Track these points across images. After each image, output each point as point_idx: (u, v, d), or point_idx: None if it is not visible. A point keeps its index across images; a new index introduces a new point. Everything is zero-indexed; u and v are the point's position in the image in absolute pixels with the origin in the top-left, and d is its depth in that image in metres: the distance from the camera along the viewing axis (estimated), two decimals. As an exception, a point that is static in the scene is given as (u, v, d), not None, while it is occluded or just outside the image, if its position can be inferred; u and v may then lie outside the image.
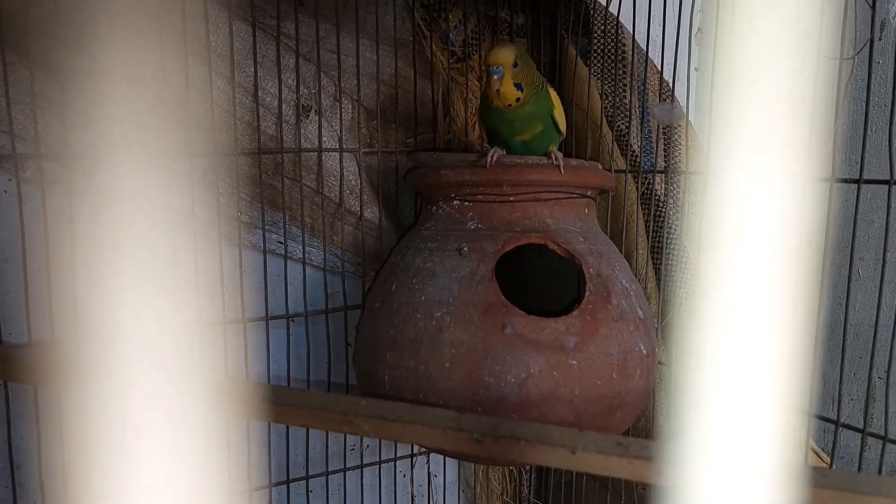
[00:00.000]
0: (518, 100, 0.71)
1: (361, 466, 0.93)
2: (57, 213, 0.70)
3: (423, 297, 0.69)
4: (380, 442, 0.95)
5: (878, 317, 0.65)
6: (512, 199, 0.72)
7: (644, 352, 0.69)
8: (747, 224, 0.15)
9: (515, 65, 0.69)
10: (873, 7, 0.68)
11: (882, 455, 0.63)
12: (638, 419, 0.75)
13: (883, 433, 0.64)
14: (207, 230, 0.83)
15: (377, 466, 0.95)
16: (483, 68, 0.71)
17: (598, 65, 0.90)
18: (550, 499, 1.00)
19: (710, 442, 0.16)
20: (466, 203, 0.73)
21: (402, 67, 0.89)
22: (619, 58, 0.89)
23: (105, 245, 0.14)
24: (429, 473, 1.00)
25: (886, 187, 0.66)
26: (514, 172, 0.72)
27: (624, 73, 0.88)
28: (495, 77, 0.69)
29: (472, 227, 0.72)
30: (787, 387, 0.15)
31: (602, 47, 0.91)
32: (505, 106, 0.71)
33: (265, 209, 0.85)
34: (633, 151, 0.87)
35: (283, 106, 0.83)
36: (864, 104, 0.67)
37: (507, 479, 1.02)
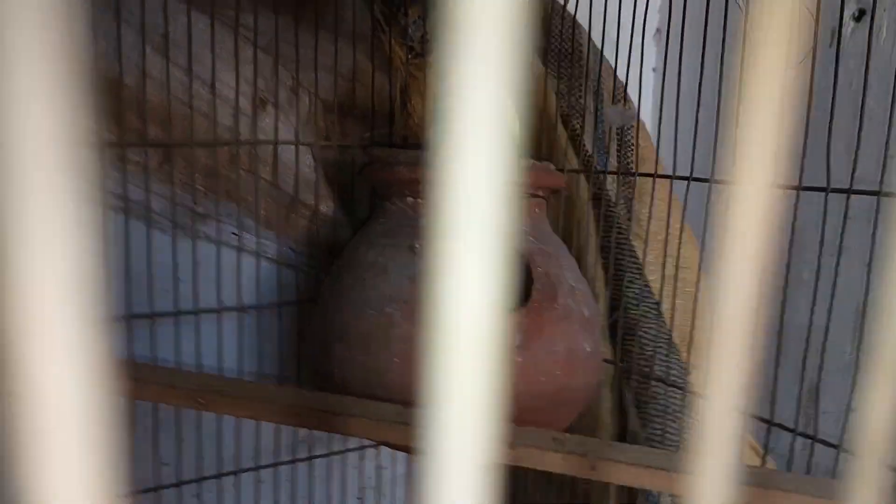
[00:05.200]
0: None
1: (311, 458, 0.94)
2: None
3: (374, 293, 0.70)
4: (331, 435, 0.95)
5: (811, 320, 0.68)
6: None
7: (589, 349, 0.71)
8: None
9: None
10: (817, 21, 0.70)
11: (811, 455, 0.66)
12: (583, 415, 0.77)
13: (813, 433, 0.66)
14: (162, 220, 0.83)
15: (327, 458, 0.96)
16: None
17: (555, 64, 0.91)
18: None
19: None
20: (420, 200, 0.74)
21: (360, 61, 0.90)
22: (576, 58, 0.90)
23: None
24: (379, 466, 1.01)
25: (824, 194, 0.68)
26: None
27: (580, 73, 0.90)
28: None
29: (425, 223, 0.73)
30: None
31: (558, 46, 0.92)
32: None
33: (220, 200, 0.85)
34: (587, 151, 0.88)
35: (240, 98, 0.83)
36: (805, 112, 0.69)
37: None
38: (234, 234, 0.87)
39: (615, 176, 0.87)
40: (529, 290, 0.70)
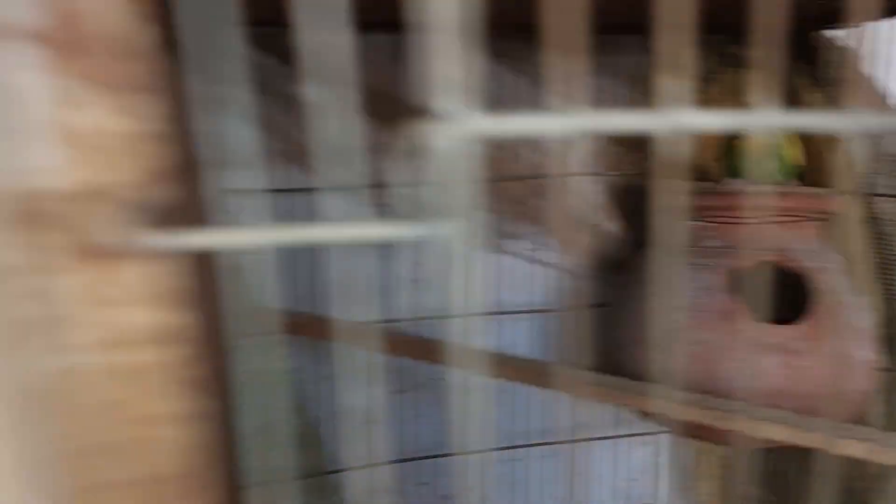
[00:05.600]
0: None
1: (589, 440, 1.10)
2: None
3: (668, 302, 0.84)
4: (605, 421, 1.11)
5: None
6: (747, 221, 0.85)
7: (864, 358, 0.79)
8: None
9: None
10: None
11: None
12: (857, 418, 0.85)
13: None
14: (478, 240, 1.04)
15: (605, 441, 1.11)
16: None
17: (829, 92, 0.98)
18: (758, 484, 1.10)
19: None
20: (706, 223, 0.87)
21: (639, 100, 1.04)
22: (852, 84, 0.96)
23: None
24: (650, 452, 1.15)
25: None
26: (748, 199, 0.84)
27: (851, 99, 0.96)
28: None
29: (712, 244, 0.85)
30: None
31: (833, 75, 0.98)
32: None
33: (520, 222, 1.04)
34: (862, 174, 0.95)
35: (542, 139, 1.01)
36: None
37: (722, 464, 1.14)
38: (533, 249, 1.05)
39: (887, 197, 0.93)
40: (810, 304, 0.80)
